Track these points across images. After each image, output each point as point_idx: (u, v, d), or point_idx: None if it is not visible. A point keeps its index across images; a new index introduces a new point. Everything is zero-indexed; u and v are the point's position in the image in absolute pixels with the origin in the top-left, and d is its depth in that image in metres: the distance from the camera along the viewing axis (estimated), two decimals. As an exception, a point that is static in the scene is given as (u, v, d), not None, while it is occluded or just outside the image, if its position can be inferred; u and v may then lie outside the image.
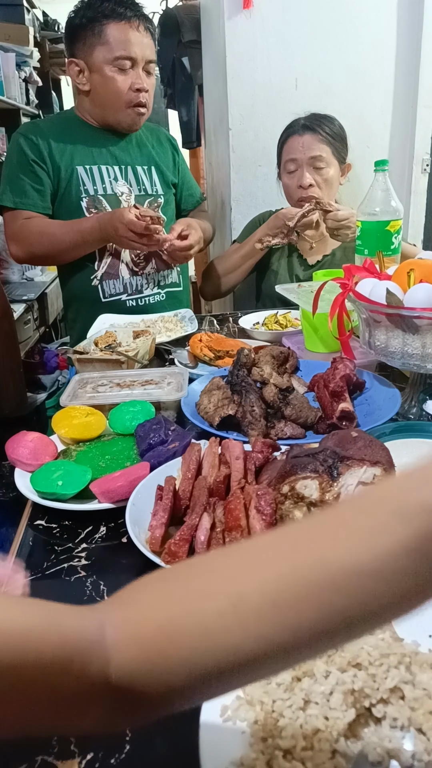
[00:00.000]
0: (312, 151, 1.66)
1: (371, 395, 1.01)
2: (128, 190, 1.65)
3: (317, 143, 1.67)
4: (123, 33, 1.49)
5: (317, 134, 1.67)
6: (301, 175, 1.68)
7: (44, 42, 3.90)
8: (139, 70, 1.52)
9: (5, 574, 0.51)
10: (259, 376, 1.00)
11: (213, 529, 0.63)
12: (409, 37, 2.01)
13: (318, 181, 1.68)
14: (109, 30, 1.48)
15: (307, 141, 1.67)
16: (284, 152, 1.74)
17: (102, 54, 1.50)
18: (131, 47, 1.49)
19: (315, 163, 1.67)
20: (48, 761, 0.46)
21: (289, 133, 1.73)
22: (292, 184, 1.72)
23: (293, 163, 1.70)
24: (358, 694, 0.45)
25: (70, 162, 1.57)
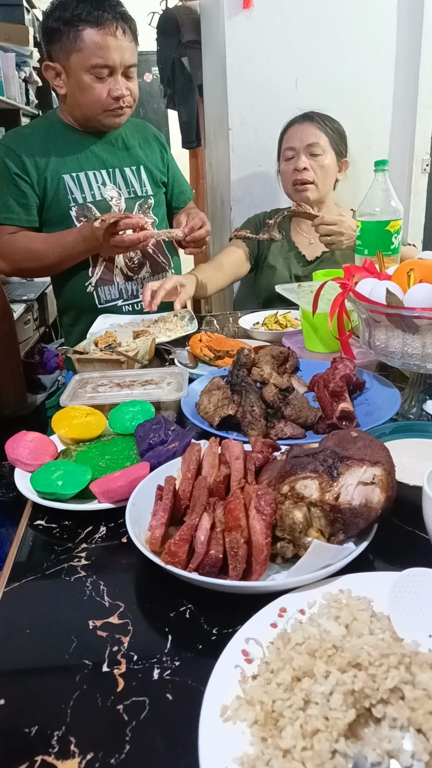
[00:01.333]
0: (309, 138, 1.72)
1: (371, 395, 1.01)
2: (117, 194, 1.63)
3: (315, 131, 1.73)
4: (101, 39, 1.42)
5: (315, 123, 1.73)
6: (297, 160, 1.73)
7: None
8: (117, 76, 1.47)
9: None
10: (259, 376, 1.00)
11: (213, 529, 0.63)
12: (409, 37, 2.01)
13: (314, 167, 1.73)
14: (85, 35, 1.41)
15: (305, 129, 1.74)
16: (284, 142, 1.80)
17: (78, 60, 1.44)
18: (109, 54, 1.43)
19: (311, 149, 1.72)
20: (48, 761, 0.46)
21: (289, 124, 1.79)
22: (288, 170, 1.77)
23: (291, 151, 1.75)
24: (358, 695, 0.45)
25: (56, 171, 1.54)
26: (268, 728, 0.44)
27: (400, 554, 0.67)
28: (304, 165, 1.72)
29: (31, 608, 0.63)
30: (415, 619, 0.54)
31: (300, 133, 1.73)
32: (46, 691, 0.53)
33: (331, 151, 1.74)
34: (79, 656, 0.56)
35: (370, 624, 0.53)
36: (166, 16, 2.88)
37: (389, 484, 0.64)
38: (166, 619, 0.60)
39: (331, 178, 1.77)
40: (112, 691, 0.52)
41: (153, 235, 1.48)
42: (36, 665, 0.56)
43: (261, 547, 0.60)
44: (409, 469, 0.74)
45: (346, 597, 0.56)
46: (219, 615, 0.59)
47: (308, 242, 1.83)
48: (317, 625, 0.53)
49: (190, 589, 0.61)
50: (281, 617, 0.56)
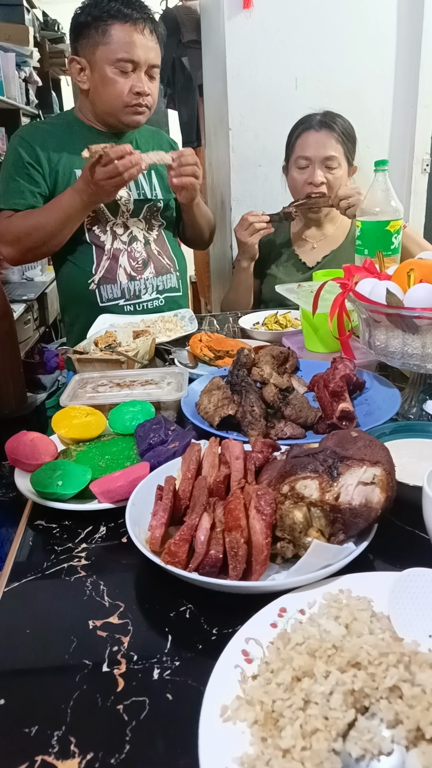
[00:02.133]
0: (327, 150, 1.67)
1: (371, 395, 1.01)
2: (127, 194, 1.64)
3: (332, 142, 1.67)
4: (127, 35, 1.47)
5: (333, 133, 1.67)
6: (313, 172, 1.68)
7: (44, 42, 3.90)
8: (140, 73, 1.50)
9: None
10: (259, 376, 1.00)
11: (213, 529, 0.63)
12: (409, 37, 2.01)
13: (329, 179, 1.68)
14: (113, 30, 1.47)
15: (322, 139, 1.67)
16: (297, 147, 1.72)
17: (104, 54, 1.48)
18: (134, 50, 1.47)
19: (328, 162, 1.67)
20: (48, 761, 0.46)
21: (304, 128, 1.71)
22: (301, 179, 1.71)
23: (305, 161, 1.69)
24: (358, 695, 0.45)
25: (69, 166, 1.56)
26: (268, 728, 0.44)
27: (400, 554, 0.67)
28: (320, 180, 1.67)
29: (31, 608, 0.63)
30: (415, 619, 0.54)
31: (316, 143, 1.67)
32: (46, 691, 0.53)
33: (344, 162, 1.70)
34: (79, 656, 0.56)
35: (370, 624, 0.53)
36: (166, 16, 2.87)
37: (389, 484, 0.64)
38: (166, 619, 0.60)
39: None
40: (112, 691, 0.52)
41: (142, 157, 1.44)
42: (36, 665, 0.56)
43: (261, 547, 0.60)
44: (409, 469, 0.74)
45: (346, 597, 0.56)
46: (219, 615, 0.59)
47: (310, 247, 1.81)
48: (317, 625, 0.53)
49: (190, 589, 0.61)
50: (281, 617, 0.56)
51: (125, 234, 1.65)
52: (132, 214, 1.65)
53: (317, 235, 1.80)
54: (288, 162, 1.78)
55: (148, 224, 1.69)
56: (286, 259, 1.82)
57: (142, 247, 1.67)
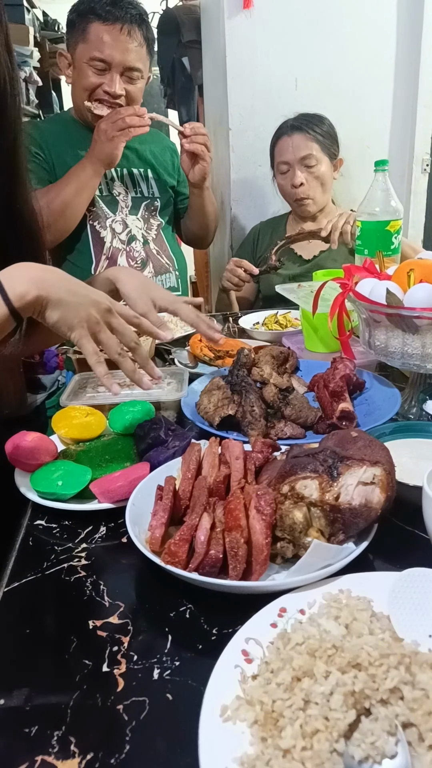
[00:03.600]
0: (301, 150, 1.71)
1: (371, 395, 1.01)
2: (125, 191, 1.65)
3: (306, 142, 1.71)
4: (104, 34, 1.46)
5: (305, 133, 1.72)
6: (293, 175, 1.73)
7: (44, 42, 3.90)
8: (114, 74, 1.49)
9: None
10: (259, 376, 1.00)
11: (213, 529, 0.63)
12: (409, 37, 2.01)
13: (309, 179, 1.73)
14: (91, 29, 1.47)
15: (296, 141, 1.72)
16: (276, 154, 1.79)
17: (81, 51, 1.50)
18: (109, 51, 1.47)
19: (305, 161, 1.72)
20: (48, 761, 0.46)
21: (278, 135, 1.78)
22: (285, 184, 1.78)
23: (285, 165, 1.75)
24: (358, 696, 0.45)
25: (67, 164, 1.56)
26: (268, 728, 0.44)
27: (400, 554, 0.67)
28: (300, 180, 1.72)
29: (31, 608, 0.63)
30: (415, 619, 0.54)
31: (291, 145, 1.72)
32: (46, 691, 0.53)
33: (324, 157, 1.73)
34: (79, 656, 0.56)
35: (370, 624, 0.53)
36: (166, 16, 2.88)
37: (389, 484, 0.64)
38: (166, 619, 0.60)
39: (328, 185, 1.77)
40: (112, 691, 0.52)
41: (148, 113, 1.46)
42: (36, 665, 0.56)
43: (261, 547, 0.60)
44: (409, 469, 0.74)
45: (346, 597, 0.56)
46: (219, 615, 0.59)
47: (306, 242, 1.83)
48: (317, 625, 0.53)
49: (190, 589, 0.61)
50: (281, 617, 0.56)
51: (124, 233, 1.65)
52: (130, 211, 1.66)
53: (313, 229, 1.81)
54: (273, 169, 1.85)
55: (146, 223, 1.69)
56: (283, 253, 1.83)
57: (141, 247, 1.67)
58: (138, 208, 1.67)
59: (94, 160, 1.48)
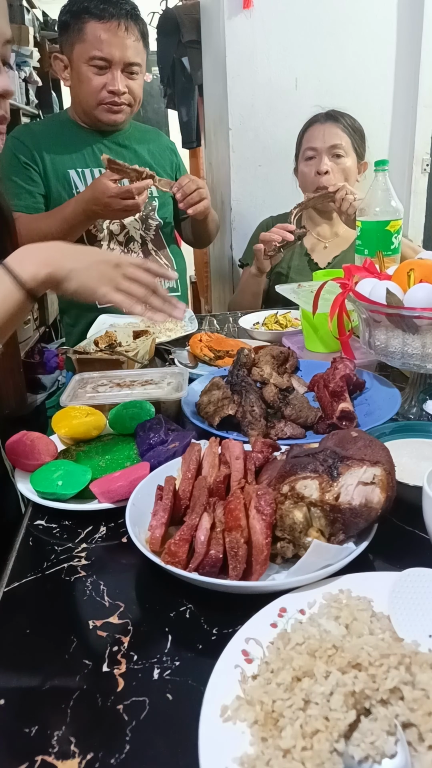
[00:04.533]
0: (332, 139, 1.69)
1: (371, 395, 1.01)
2: None
3: (338, 131, 1.69)
4: (102, 32, 1.46)
5: (338, 123, 1.70)
6: (320, 162, 1.69)
7: (44, 42, 3.89)
8: (116, 71, 1.49)
9: None
10: (259, 376, 1.00)
11: (213, 529, 0.63)
12: (409, 37, 2.01)
13: (335, 169, 1.69)
14: (87, 28, 1.46)
15: (328, 129, 1.69)
16: (304, 141, 1.75)
17: (80, 52, 1.49)
18: (108, 48, 1.46)
19: (334, 150, 1.69)
20: (48, 761, 0.46)
21: (310, 123, 1.75)
22: (309, 171, 1.73)
23: (312, 151, 1.71)
24: (358, 696, 0.45)
25: (62, 166, 1.56)
26: (268, 728, 0.44)
27: (400, 554, 0.67)
28: (326, 167, 1.68)
29: (31, 608, 0.63)
30: (415, 619, 0.54)
31: (323, 133, 1.69)
32: (46, 691, 0.53)
33: (352, 152, 1.71)
34: (79, 656, 0.56)
35: (370, 624, 0.53)
36: (166, 16, 2.87)
37: (389, 484, 0.64)
38: (166, 619, 0.60)
39: (351, 182, 1.73)
40: (112, 691, 0.52)
41: (149, 185, 1.44)
42: (36, 665, 0.56)
43: (261, 547, 0.60)
44: (409, 469, 0.74)
45: (346, 597, 0.56)
46: (219, 615, 0.59)
47: (323, 246, 1.80)
48: (317, 625, 0.53)
49: (190, 589, 0.61)
50: (281, 617, 0.56)
51: (122, 234, 1.64)
52: None
53: (329, 234, 1.80)
54: (297, 160, 1.80)
55: (144, 224, 1.69)
56: (299, 258, 1.82)
57: (139, 248, 1.67)
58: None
59: (90, 214, 1.45)
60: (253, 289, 1.77)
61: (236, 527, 0.61)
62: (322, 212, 1.79)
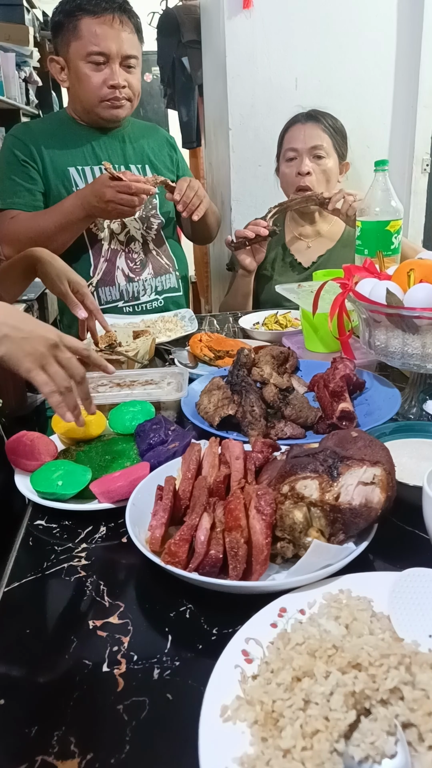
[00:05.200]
0: (313, 139, 1.67)
1: (371, 395, 1.01)
2: None
3: (319, 132, 1.68)
4: (96, 27, 1.45)
5: (319, 124, 1.68)
6: (300, 163, 1.68)
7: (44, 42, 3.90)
8: (114, 65, 1.49)
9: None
10: (259, 376, 1.00)
11: (213, 529, 0.63)
12: (409, 37, 2.01)
13: (316, 170, 1.69)
14: (82, 24, 1.46)
15: (308, 130, 1.68)
16: (285, 141, 1.74)
17: (76, 50, 1.48)
18: (104, 42, 1.46)
19: (315, 152, 1.68)
20: (48, 761, 0.46)
21: (291, 123, 1.74)
22: (290, 172, 1.72)
23: (293, 152, 1.70)
24: (359, 696, 0.45)
25: (62, 163, 1.56)
26: (268, 728, 0.44)
27: (400, 554, 0.67)
28: (307, 169, 1.67)
29: (31, 608, 0.63)
30: (415, 619, 0.54)
31: (303, 133, 1.68)
32: (46, 691, 0.53)
33: (333, 153, 1.70)
34: (79, 656, 0.56)
35: (370, 624, 0.53)
36: (166, 15, 2.87)
37: (389, 484, 0.64)
38: (166, 619, 0.60)
39: (333, 183, 1.72)
40: (112, 691, 0.52)
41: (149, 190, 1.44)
42: (36, 665, 0.56)
43: (261, 547, 0.60)
44: (409, 469, 0.74)
45: (346, 597, 0.56)
46: (219, 615, 0.59)
47: (305, 246, 1.79)
48: (317, 625, 0.53)
49: (190, 589, 0.61)
50: (281, 617, 0.56)
51: (122, 233, 1.64)
52: None
53: (311, 233, 1.79)
54: (278, 160, 1.79)
55: (146, 224, 1.69)
56: (282, 259, 1.81)
57: (140, 248, 1.67)
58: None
59: (89, 211, 1.45)
60: (242, 290, 1.77)
61: (236, 527, 0.61)
62: (303, 214, 1.78)
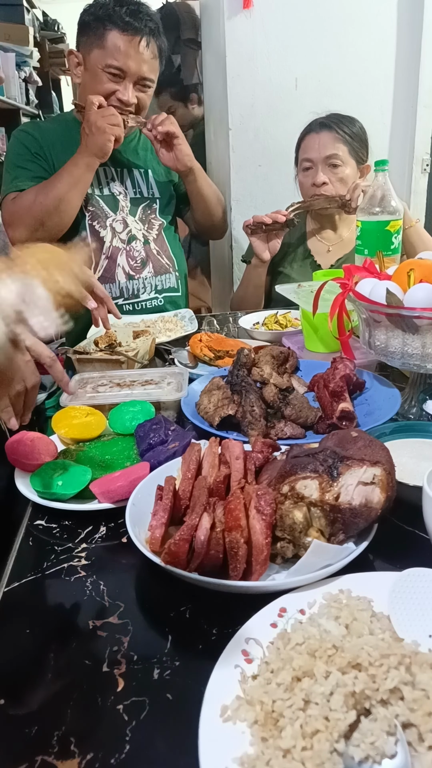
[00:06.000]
0: (327, 149, 1.65)
1: (371, 395, 1.01)
2: (124, 192, 1.65)
3: (333, 142, 1.65)
4: (122, 44, 1.48)
5: (334, 132, 1.66)
6: (316, 173, 1.67)
7: (44, 42, 3.90)
8: (128, 83, 1.51)
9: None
10: (259, 376, 1.00)
11: (213, 529, 0.62)
12: (409, 37, 2.01)
13: (332, 180, 1.66)
14: (110, 36, 1.48)
15: (323, 139, 1.66)
16: (301, 151, 1.73)
17: (97, 56, 1.50)
18: (126, 60, 1.48)
19: (330, 161, 1.65)
20: (48, 761, 0.46)
21: (306, 132, 1.72)
22: (306, 182, 1.71)
23: (308, 162, 1.69)
24: (359, 696, 0.45)
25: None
26: (268, 728, 0.44)
27: (400, 554, 0.67)
28: (323, 179, 1.65)
29: (31, 608, 0.63)
30: (415, 619, 0.54)
31: (317, 143, 1.66)
32: (46, 691, 0.53)
33: (351, 160, 1.67)
34: (79, 656, 0.56)
35: (370, 624, 0.53)
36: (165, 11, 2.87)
37: (389, 484, 0.64)
38: (166, 619, 0.60)
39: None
40: (112, 691, 0.52)
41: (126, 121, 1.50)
42: (36, 665, 0.56)
43: (261, 547, 0.60)
44: (409, 469, 0.74)
45: (346, 597, 0.56)
46: (219, 615, 0.59)
47: (326, 250, 1.78)
48: (317, 625, 0.53)
49: (190, 589, 0.61)
50: (281, 617, 0.56)
51: (124, 232, 1.65)
52: (129, 212, 1.65)
53: (333, 237, 1.79)
54: (296, 168, 1.78)
55: (147, 224, 1.69)
56: (302, 259, 1.80)
57: (141, 247, 1.67)
58: (136, 210, 1.67)
59: (85, 153, 1.48)
60: (254, 282, 1.76)
61: (236, 527, 0.61)
62: (323, 217, 1.77)
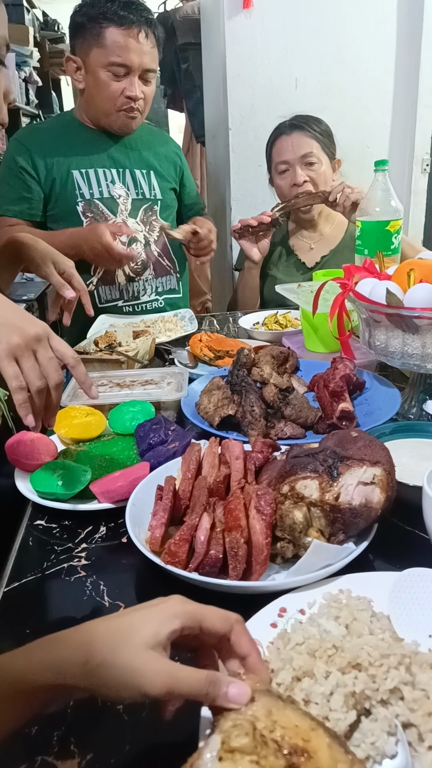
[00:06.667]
0: (302, 148, 1.66)
1: (371, 395, 1.01)
2: (125, 193, 1.64)
3: (306, 140, 1.67)
4: (122, 39, 1.45)
5: (305, 131, 1.67)
6: (294, 174, 1.68)
7: (44, 42, 3.90)
8: (134, 78, 1.50)
9: None
10: (259, 376, 1.00)
11: (213, 529, 0.63)
12: (409, 37, 2.02)
13: (312, 177, 1.68)
14: (107, 33, 1.45)
15: (296, 140, 1.67)
16: (274, 154, 1.73)
17: (98, 56, 1.48)
18: (128, 55, 1.46)
19: (306, 159, 1.67)
20: (48, 761, 0.46)
21: (275, 136, 1.73)
22: (285, 184, 1.72)
23: (285, 164, 1.69)
24: (359, 696, 0.45)
25: (66, 166, 1.56)
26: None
27: (400, 554, 0.66)
28: (303, 178, 1.66)
29: (31, 608, 0.63)
30: (415, 619, 0.54)
31: (291, 144, 1.67)
32: (46, 691, 0.53)
33: (324, 156, 1.69)
34: (79, 656, 0.56)
35: (370, 624, 0.53)
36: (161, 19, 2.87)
37: (389, 484, 0.64)
38: (166, 619, 0.59)
39: (328, 184, 1.71)
40: (112, 691, 0.52)
41: (137, 255, 1.52)
42: (36, 665, 0.55)
43: (261, 547, 0.60)
44: (409, 469, 0.74)
45: (346, 597, 0.56)
46: (219, 615, 0.59)
47: (308, 248, 1.80)
48: (317, 625, 0.53)
49: (190, 589, 0.61)
50: (281, 617, 0.56)
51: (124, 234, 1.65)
52: (130, 213, 1.65)
53: (314, 235, 1.80)
54: (270, 172, 1.79)
55: (148, 225, 1.69)
56: (286, 259, 1.81)
57: (142, 248, 1.67)
58: (137, 212, 1.67)
59: (77, 247, 1.43)
60: (249, 284, 1.77)
61: (236, 527, 0.61)
62: (304, 220, 1.79)
